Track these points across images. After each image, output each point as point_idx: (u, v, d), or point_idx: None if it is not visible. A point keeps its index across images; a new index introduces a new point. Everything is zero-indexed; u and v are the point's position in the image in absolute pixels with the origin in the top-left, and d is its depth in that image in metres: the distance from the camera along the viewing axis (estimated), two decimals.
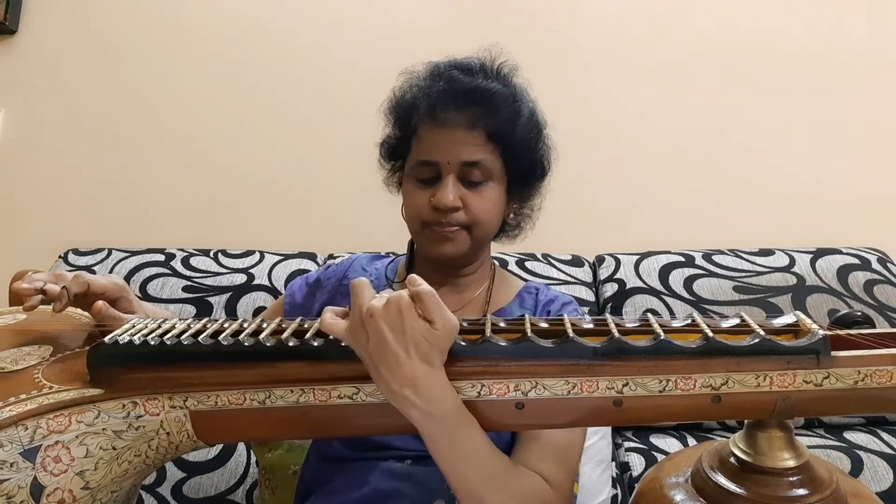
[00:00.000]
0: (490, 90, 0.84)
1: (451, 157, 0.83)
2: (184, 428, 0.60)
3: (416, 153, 0.87)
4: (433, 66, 0.89)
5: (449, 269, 0.93)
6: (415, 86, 0.88)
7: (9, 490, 0.52)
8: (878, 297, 1.41)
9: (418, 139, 0.87)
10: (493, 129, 0.84)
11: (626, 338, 0.57)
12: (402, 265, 1.00)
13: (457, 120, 0.83)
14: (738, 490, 0.55)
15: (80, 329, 0.72)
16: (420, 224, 0.86)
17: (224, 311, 1.45)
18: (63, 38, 1.86)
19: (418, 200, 0.85)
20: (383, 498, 0.77)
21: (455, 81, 0.85)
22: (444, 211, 0.83)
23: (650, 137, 1.73)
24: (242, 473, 1.29)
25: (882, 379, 0.54)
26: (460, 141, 0.83)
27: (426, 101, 0.85)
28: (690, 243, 1.57)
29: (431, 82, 0.86)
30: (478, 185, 0.85)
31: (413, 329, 0.56)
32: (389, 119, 0.93)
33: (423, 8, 1.80)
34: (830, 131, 1.71)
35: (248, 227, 1.75)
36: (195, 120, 1.81)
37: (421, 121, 0.86)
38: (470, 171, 0.84)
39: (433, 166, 0.84)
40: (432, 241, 0.86)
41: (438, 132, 0.84)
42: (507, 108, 0.85)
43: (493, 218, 0.88)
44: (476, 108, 0.83)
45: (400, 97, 0.91)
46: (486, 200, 0.85)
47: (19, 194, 1.81)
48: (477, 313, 0.91)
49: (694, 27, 1.76)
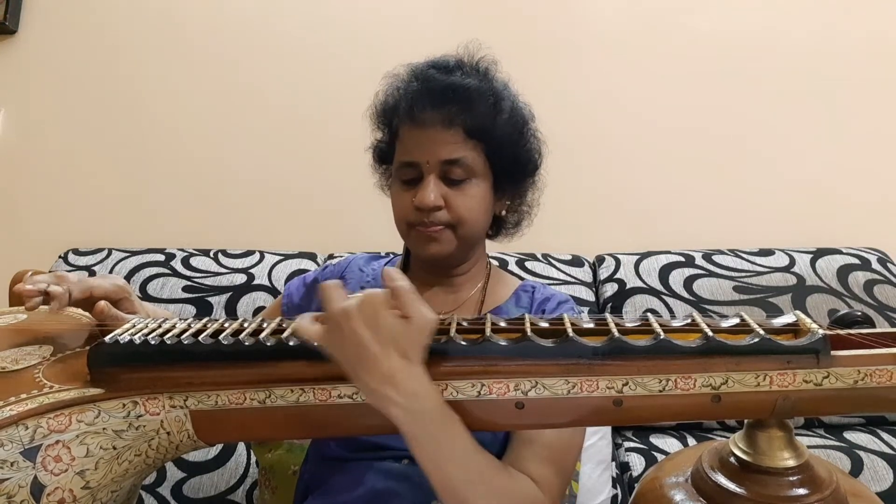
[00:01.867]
0: (465, 86, 0.83)
1: (430, 157, 0.83)
2: (184, 427, 0.60)
3: (399, 155, 0.87)
4: (412, 67, 0.89)
5: (440, 268, 0.93)
6: (396, 88, 0.89)
7: (9, 489, 0.52)
8: (878, 297, 1.41)
9: (400, 141, 0.87)
10: (472, 126, 0.83)
11: (626, 337, 0.57)
12: (397, 266, 1.00)
13: (434, 119, 0.83)
14: (738, 490, 0.55)
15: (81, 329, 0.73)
16: (406, 225, 0.87)
17: (224, 311, 1.45)
18: (63, 38, 1.86)
19: (403, 202, 0.86)
20: (380, 498, 0.77)
21: (431, 80, 0.84)
22: (426, 211, 0.83)
23: (650, 137, 1.73)
24: (242, 473, 1.29)
25: (882, 378, 0.54)
26: (438, 140, 0.83)
27: (405, 103, 0.85)
28: (690, 243, 1.58)
29: (409, 83, 0.86)
30: (460, 184, 0.84)
31: (389, 325, 0.56)
32: (374, 123, 0.94)
33: (422, 8, 1.80)
34: (830, 131, 1.71)
35: (248, 227, 1.75)
36: (195, 120, 1.81)
37: (401, 122, 0.86)
38: (451, 170, 0.83)
39: (414, 167, 0.84)
40: (418, 241, 0.86)
41: (417, 132, 0.84)
42: (484, 103, 0.84)
43: (479, 216, 0.87)
44: (452, 105, 0.82)
45: (382, 101, 0.91)
46: (469, 198, 0.84)
47: (19, 194, 1.82)
48: (472, 313, 0.91)
49: (694, 27, 1.76)
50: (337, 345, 0.57)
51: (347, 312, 0.56)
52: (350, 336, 0.56)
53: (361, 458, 0.82)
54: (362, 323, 0.56)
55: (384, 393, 0.56)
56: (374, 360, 0.56)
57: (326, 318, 0.58)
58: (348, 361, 0.57)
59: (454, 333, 0.59)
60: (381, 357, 0.56)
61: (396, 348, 0.56)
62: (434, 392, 0.58)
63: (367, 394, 0.57)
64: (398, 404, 0.56)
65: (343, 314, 0.56)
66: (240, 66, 1.82)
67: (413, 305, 0.57)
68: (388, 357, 0.56)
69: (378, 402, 0.57)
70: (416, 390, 0.57)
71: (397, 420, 0.57)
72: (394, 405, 0.56)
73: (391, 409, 0.57)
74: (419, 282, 0.94)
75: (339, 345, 0.57)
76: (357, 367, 0.56)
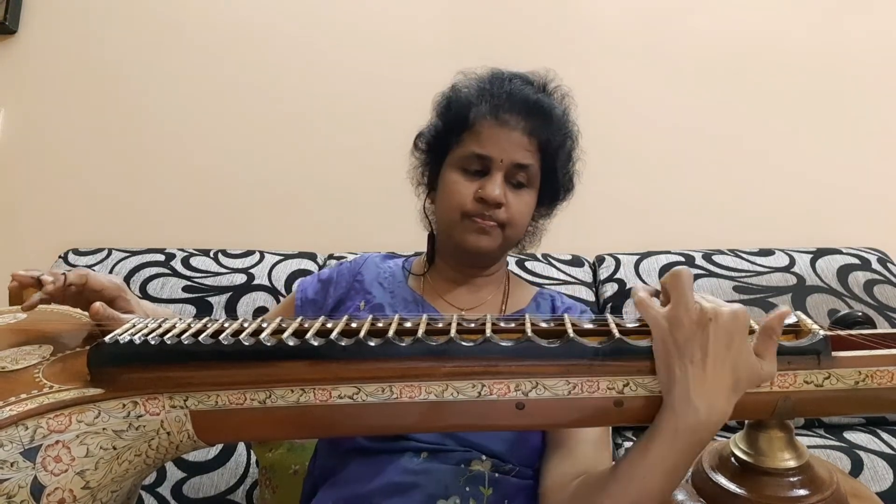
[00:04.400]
0: (551, 106, 0.90)
1: (505, 156, 0.87)
2: (184, 428, 0.60)
3: (470, 145, 0.89)
4: (495, 71, 0.93)
5: (472, 265, 0.95)
6: (475, 86, 0.92)
7: (9, 489, 0.52)
8: (878, 297, 1.41)
9: (474, 133, 0.89)
10: (545, 142, 0.89)
11: (626, 338, 0.57)
12: (418, 260, 1.01)
13: (518, 124, 0.87)
14: (738, 490, 0.56)
15: (81, 329, 0.72)
16: (460, 214, 0.88)
17: (224, 311, 1.45)
18: (63, 38, 1.86)
19: (463, 190, 0.88)
20: (398, 490, 0.77)
21: (522, 91, 0.90)
22: (489, 204, 0.86)
23: (650, 137, 1.73)
24: (242, 473, 1.29)
25: (883, 379, 0.54)
26: (517, 143, 0.87)
27: (491, 100, 0.89)
28: (690, 243, 1.57)
29: (495, 85, 0.90)
30: (520, 189, 0.89)
31: (741, 353, 0.54)
32: (440, 111, 0.95)
33: (423, 9, 1.80)
34: (830, 131, 1.71)
35: (248, 227, 1.75)
36: (195, 120, 1.81)
37: (482, 117, 0.88)
38: (517, 173, 0.88)
39: (485, 160, 0.88)
40: (469, 231, 0.88)
41: (499, 130, 0.87)
42: (559, 126, 0.91)
43: (525, 222, 0.93)
44: (536, 118, 0.88)
45: (458, 92, 0.93)
46: (524, 204, 0.90)
47: (19, 194, 1.81)
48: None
49: (693, 27, 1.76)
50: (680, 337, 0.55)
51: (718, 316, 0.55)
52: (702, 338, 0.54)
53: (381, 451, 0.81)
54: (725, 334, 0.54)
55: (696, 406, 0.54)
56: (708, 373, 0.54)
57: (678, 307, 0.56)
58: (681, 357, 0.55)
59: (455, 334, 0.59)
60: (717, 376, 0.54)
61: (733, 376, 0.54)
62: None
63: (678, 393, 0.55)
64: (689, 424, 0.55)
65: (713, 314, 0.55)
66: (240, 66, 1.82)
67: (773, 352, 0.55)
68: (721, 379, 0.54)
69: (677, 403, 0.55)
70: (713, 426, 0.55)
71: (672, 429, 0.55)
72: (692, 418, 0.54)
73: (682, 420, 0.55)
74: (443, 278, 0.96)
75: (682, 338, 0.55)
76: (688, 367, 0.54)
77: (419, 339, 0.59)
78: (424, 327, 0.61)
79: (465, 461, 0.79)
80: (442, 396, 0.58)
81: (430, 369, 0.58)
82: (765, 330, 0.55)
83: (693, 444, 0.56)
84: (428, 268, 0.98)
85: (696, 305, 0.55)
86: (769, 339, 0.55)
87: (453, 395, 0.59)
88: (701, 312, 0.55)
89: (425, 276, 0.98)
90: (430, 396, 0.58)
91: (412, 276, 0.99)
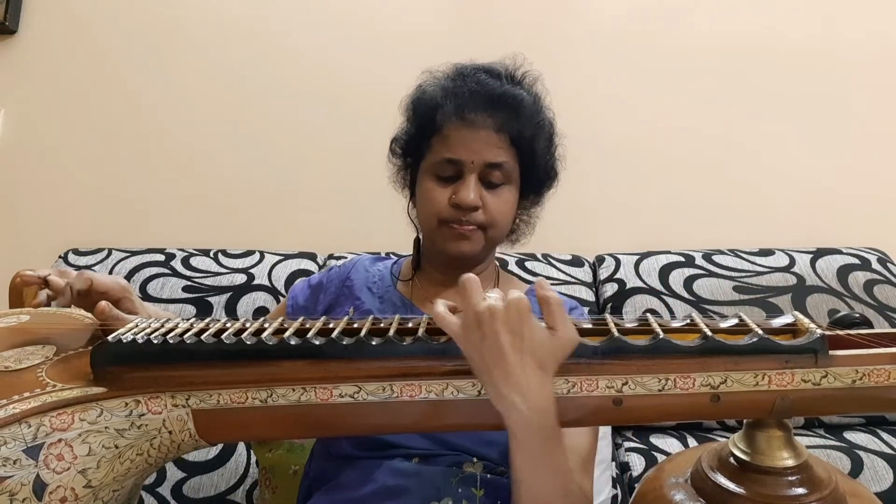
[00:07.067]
0: (518, 97, 0.86)
1: (475, 157, 0.84)
2: (186, 427, 0.60)
3: (440, 150, 0.87)
4: (459, 67, 0.90)
5: (458, 268, 0.93)
6: (439, 85, 0.89)
7: (12, 487, 0.52)
8: (878, 297, 1.41)
9: (442, 137, 0.87)
10: (517, 135, 0.86)
11: (625, 337, 0.58)
12: (406, 264, 1.00)
13: (485, 122, 0.85)
14: (737, 490, 0.56)
15: (84, 329, 0.73)
16: (437, 221, 0.87)
17: (224, 311, 1.45)
18: (63, 38, 1.86)
19: (438, 196, 0.86)
20: (390, 494, 0.77)
21: (486, 85, 0.86)
22: (465, 209, 0.85)
23: (650, 137, 1.73)
24: (242, 473, 1.29)
25: (880, 378, 0.54)
26: (486, 142, 0.84)
27: (455, 101, 0.86)
28: (690, 243, 1.58)
29: (459, 83, 0.87)
30: (497, 187, 0.87)
31: (532, 334, 0.56)
32: (409, 114, 0.93)
33: (423, 9, 1.81)
34: (830, 131, 1.71)
35: (248, 227, 1.75)
36: (195, 120, 1.81)
37: (447, 119, 0.86)
38: (491, 173, 0.86)
39: (456, 164, 0.85)
40: (448, 238, 0.87)
41: (466, 132, 0.85)
42: (531, 116, 0.87)
43: (508, 220, 0.90)
44: (504, 112, 0.85)
45: (423, 94, 0.91)
46: (503, 203, 0.87)
47: (19, 194, 1.82)
48: None
49: (693, 28, 1.76)
50: (473, 342, 0.56)
51: (493, 312, 0.56)
52: (490, 336, 0.56)
53: (371, 457, 0.82)
54: (506, 326, 0.55)
55: (512, 400, 0.56)
56: (509, 366, 0.55)
57: (466, 312, 0.57)
58: (482, 360, 0.56)
59: None
60: (517, 364, 0.55)
61: (534, 358, 0.56)
62: (554, 408, 0.57)
63: (493, 395, 0.57)
64: (522, 413, 0.56)
65: (488, 314, 0.56)
66: (240, 66, 1.82)
67: (562, 319, 0.57)
68: (525, 366, 0.55)
69: (502, 405, 0.57)
70: (544, 406, 0.56)
71: (515, 426, 0.57)
72: (517, 413, 0.56)
73: (512, 415, 0.56)
74: (431, 282, 0.95)
75: (475, 342, 0.56)
76: (490, 368, 0.56)
77: (419, 339, 0.60)
78: (425, 327, 0.62)
79: (456, 464, 0.79)
80: (442, 395, 0.59)
81: (430, 368, 0.59)
82: (541, 302, 0.57)
83: (542, 437, 0.57)
84: (415, 272, 0.97)
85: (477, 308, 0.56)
86: (549, 308, 0.57)
87: (453, 394, 0.59)
88: (479, 315, 0.56)
89: (413, 280, 0.96)
90: (430, 395, 0.59)
91: (400, 280, 0.97)
